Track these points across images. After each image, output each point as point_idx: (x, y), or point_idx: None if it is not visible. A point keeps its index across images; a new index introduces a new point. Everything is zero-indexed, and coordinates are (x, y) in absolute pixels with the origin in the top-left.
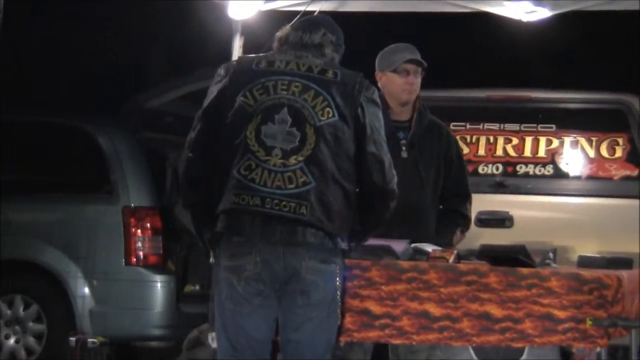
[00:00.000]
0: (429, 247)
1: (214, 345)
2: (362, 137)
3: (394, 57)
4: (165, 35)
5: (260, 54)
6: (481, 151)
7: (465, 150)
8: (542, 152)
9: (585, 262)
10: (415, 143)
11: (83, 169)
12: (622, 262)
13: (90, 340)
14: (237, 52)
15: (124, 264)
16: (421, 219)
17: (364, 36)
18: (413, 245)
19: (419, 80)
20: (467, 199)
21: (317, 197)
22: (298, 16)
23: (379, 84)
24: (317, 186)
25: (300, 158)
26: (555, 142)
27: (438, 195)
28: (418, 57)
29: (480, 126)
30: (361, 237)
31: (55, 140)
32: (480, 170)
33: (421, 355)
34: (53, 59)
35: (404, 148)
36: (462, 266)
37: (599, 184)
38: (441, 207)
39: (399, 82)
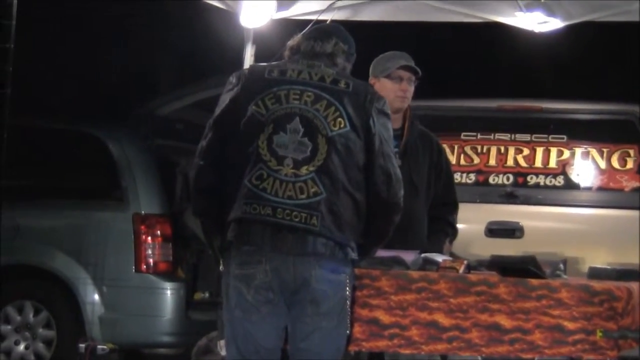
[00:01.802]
0: (439, 257)
1: (223, 353)
2: (372, 149)
3: (388, 63)
4: (177, 43)
5: (272, 63)
6: (492, 161)
7: (476, 160)
8: (553, 163)
9: (596, 273)
10: (408, 151)
11: (94, 175)
12: (632, 274)
13: (99, 346)
14: (248, 60)
15: (133, 270)
16: (415, 227)
17: (375, 45)
18: (423, 255)
19: (412, 88)
20: (455, 209)
21: (328, 207)
22: (310, 25)
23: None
24: (327, 196)
25: (312, 168)
26: (567, 153)
27: (429, 204)
28: (412, 64)
29: (491, 136)
30: (365, 251)
31: (66, 146)
32: (490, 180)
33: None
34: (65, 66)
35: (397, 156)
36: (472, 277)
37: (609, 195)
38: (429, 215)
39: (392, 88)
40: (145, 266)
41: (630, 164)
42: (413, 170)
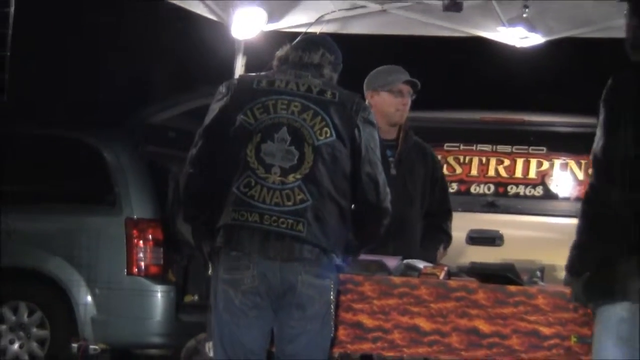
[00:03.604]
0: (420, 264)
1: (211, 354)
2: (358, 157)
3: (390, 77)
4: (170, 53)
5: (261, 73)
6: (474, 171)
7: (458, 170)
8: (532, 174)
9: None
10: (403, 161)
11: (87, 181)
12: None
13: (91, 347)
14: (239, 70)
15: (125, 273)
16: (409, 234)
17: (363, 57)
18: (405, 261)
19: (409, 102)
20: (449, 217)
21: (314, 214)
22: (299, 37)
23: (369, 102)
24: (314, 204)
25: (299, 176)
26: (546, 164)
27: (423, 212)
28: (407, 78)
29: (474, 147)
30: (356, 250)
31: (60, 152)
32: (472, 190)
33: None
34: (60, 74)
35: (392, 165)
36: (452, 283)
37: None
38: (425, 222)
39: (393, 102)
40: (136, 269)
41: None
42: (408, 179)
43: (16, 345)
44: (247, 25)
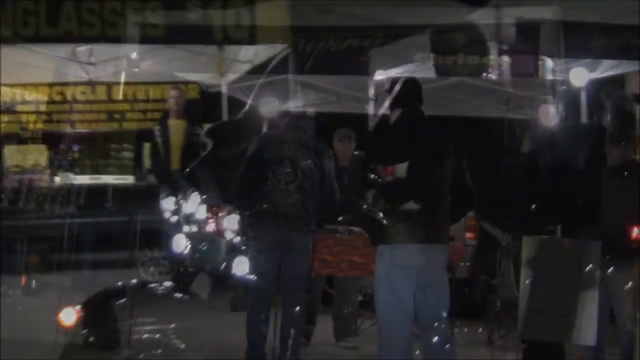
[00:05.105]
0: (356, 229)
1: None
2: (323, 176)
3: (340, 133)
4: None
5: (276, 131)
6: None
7: None
8: None
9: None
10: (352, 177)
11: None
12: None
13: (189, 269)
14: (264, 129)
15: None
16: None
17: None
18: (349, 228)
19: (351, 146)
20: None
21: (302, 204)
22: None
23: (334, 147)
24: (302, 199)
25: (295, 185)
26: None
27: None
28: (350, 134)
29: None
30: (321, 225)
31: None
32: None
33: (351, 281)
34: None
35: (346, 179)
36: None
37: None
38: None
39: (341, 146)
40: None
41: None
42: (356, 186)
43: (152, 268)
44: (269, 108)
